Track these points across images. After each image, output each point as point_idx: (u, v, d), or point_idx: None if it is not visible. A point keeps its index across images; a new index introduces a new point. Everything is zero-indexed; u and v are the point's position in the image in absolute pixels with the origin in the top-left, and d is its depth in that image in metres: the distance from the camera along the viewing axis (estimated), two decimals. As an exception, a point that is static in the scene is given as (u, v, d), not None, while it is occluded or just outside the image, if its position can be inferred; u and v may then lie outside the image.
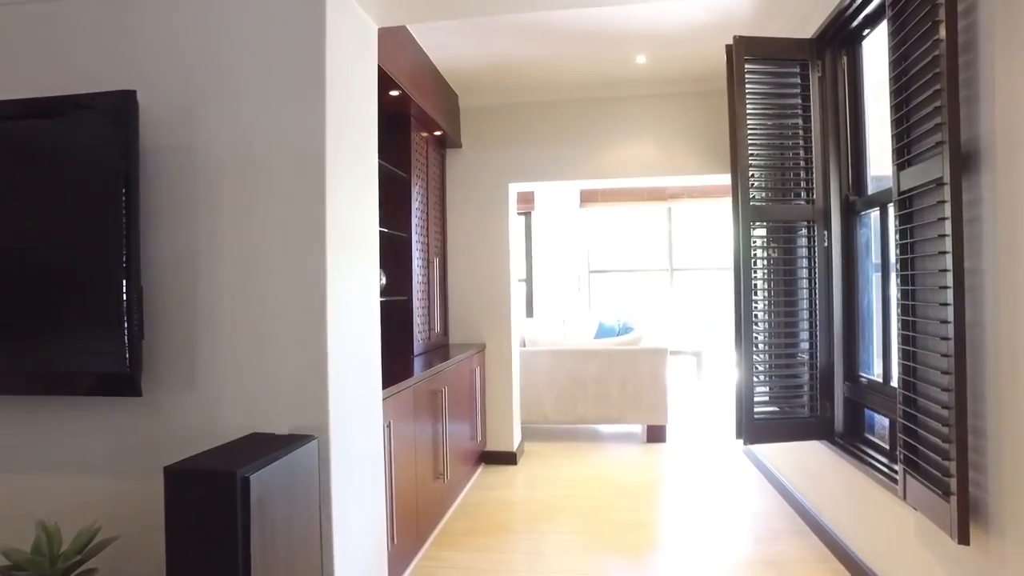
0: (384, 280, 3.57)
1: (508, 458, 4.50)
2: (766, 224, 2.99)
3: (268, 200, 1.95)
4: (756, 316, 2.93)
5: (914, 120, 1.93)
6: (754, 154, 2.90)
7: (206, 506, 1.50)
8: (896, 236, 2.06)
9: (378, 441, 2.34)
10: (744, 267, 2.87)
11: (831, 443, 2.85)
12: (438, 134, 4.20)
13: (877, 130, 2.74)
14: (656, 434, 5.02)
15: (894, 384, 2.43)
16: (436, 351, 4.07)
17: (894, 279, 2.14)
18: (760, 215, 2.93)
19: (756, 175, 2.95)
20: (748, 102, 2.85)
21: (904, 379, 2.02)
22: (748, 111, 2.85)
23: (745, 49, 2.83)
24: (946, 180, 1.75)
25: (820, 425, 2.91)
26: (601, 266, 8.43)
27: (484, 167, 4.55)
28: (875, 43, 2.71)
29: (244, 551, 1.49)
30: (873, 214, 2.75)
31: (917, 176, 1.92)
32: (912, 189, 1.96)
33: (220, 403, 1.96)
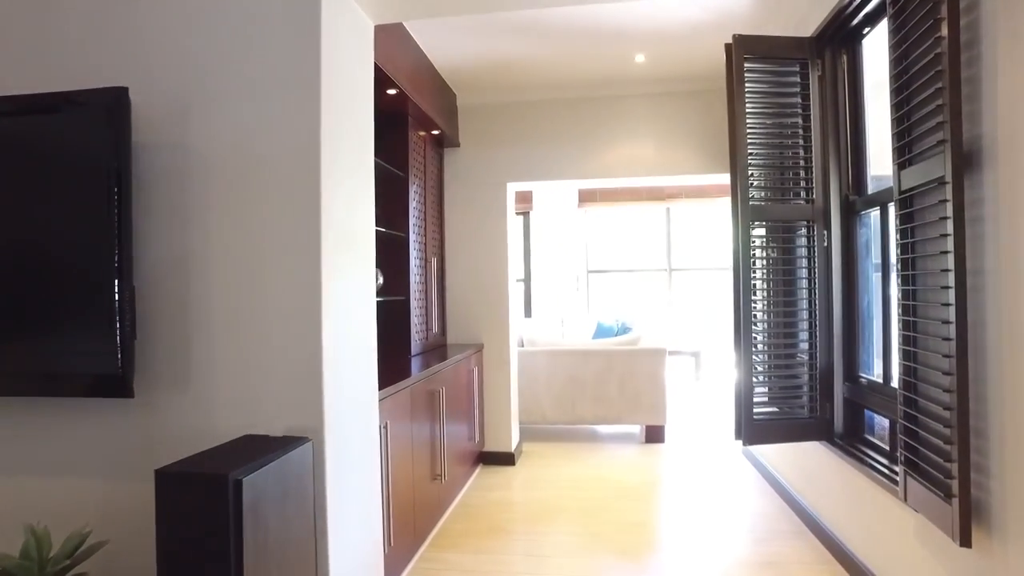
0: (381, 280, 3.55)
1: (506, 459, 4.49)
2: (765, 224, 2.98)
3: (262, 198, 1.92)
4: (755, 316, 2.92)
5: (915, 119, 1.92)
6: (753, 153, 2.89)
7: (198, 510, 1.48)
8: (897, 236, 2.05)
9: (374, 442, 2.31)
10: (743, 267, 2.86)
11: (831, 444, 2.83)
12: (436, 133, 4.18)
13: (877, 129, 2.73)
14: (655, 434, 5.00)
15: (894, 385, 2.42)
16: (434, 351, 4.05)
17: (895, 279, 2.12)
18: (759, 215, 2.91)
19: (755, 174, 2.93)
20: (747, 101, 2.84)
21: (905, 380, 2.01)
22: (747, 110, 2.84)
23: (744, 48, 2.81)
24: (948, 179, 1.74)
25: (820, 426, 2.90)
26: (599, 266, 8.42)
27: (482, 166, 4.53)
28: (875, 41, 2.69)
29: (236, 555, 1.47)
30: (873, 214, 2.74)
31: (918, 175, 1.91)
32: (913, 188, 1.94)
33: (214, 404, 1.94)
